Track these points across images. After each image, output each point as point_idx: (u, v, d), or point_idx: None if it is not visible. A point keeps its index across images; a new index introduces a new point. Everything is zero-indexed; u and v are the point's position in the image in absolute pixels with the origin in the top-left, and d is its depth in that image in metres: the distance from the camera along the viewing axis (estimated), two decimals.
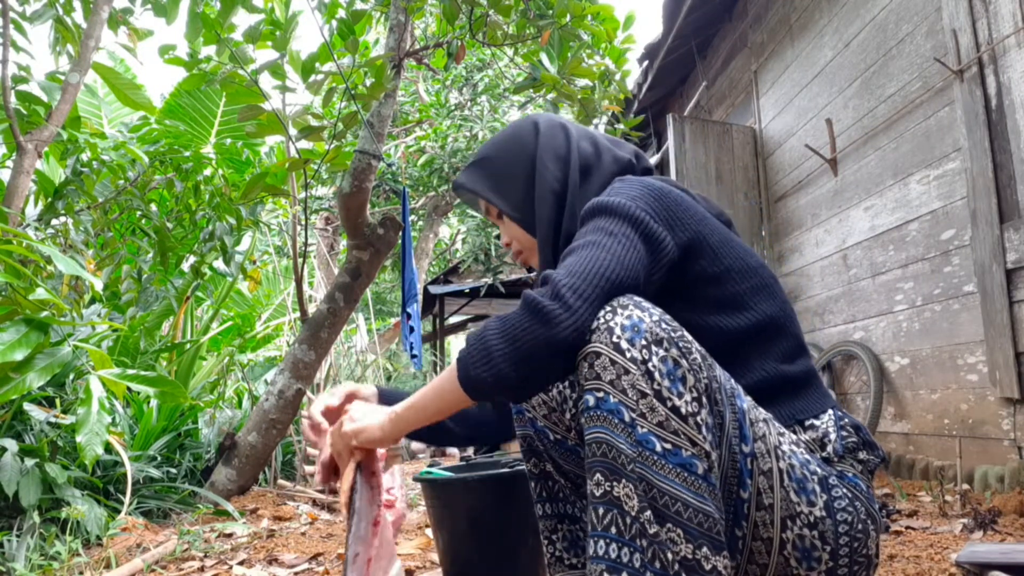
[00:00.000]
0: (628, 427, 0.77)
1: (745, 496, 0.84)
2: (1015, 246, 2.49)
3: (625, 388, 0.78)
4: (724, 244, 0.98)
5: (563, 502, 1.16)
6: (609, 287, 0.84)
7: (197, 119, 5.58)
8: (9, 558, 1.77)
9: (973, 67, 2.67)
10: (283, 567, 1.84)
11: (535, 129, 1.13)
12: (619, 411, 0.78)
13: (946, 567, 1.58)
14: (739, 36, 4.93)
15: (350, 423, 0.99)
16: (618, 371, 0.79)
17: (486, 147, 1.17)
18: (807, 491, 0.87)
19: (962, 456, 2.72)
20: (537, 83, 2.88)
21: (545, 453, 1.13)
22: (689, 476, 0.77)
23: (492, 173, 1.14)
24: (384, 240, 3.32)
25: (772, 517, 0.85)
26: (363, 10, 3.11)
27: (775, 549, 0.86)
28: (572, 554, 1.16)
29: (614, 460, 0.77)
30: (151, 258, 3.46)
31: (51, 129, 2.55)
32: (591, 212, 0.95)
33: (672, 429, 0.78)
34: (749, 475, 0.84)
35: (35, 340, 1.64)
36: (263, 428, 3.08)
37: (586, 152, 1.10)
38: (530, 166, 1.10)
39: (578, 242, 0.90)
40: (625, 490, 0.77)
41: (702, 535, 0.76)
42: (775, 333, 0.97)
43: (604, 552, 0.77)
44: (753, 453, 0.85)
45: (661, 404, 0.78)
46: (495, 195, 1.13)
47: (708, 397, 0.81)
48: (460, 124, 5.97)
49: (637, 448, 0.77)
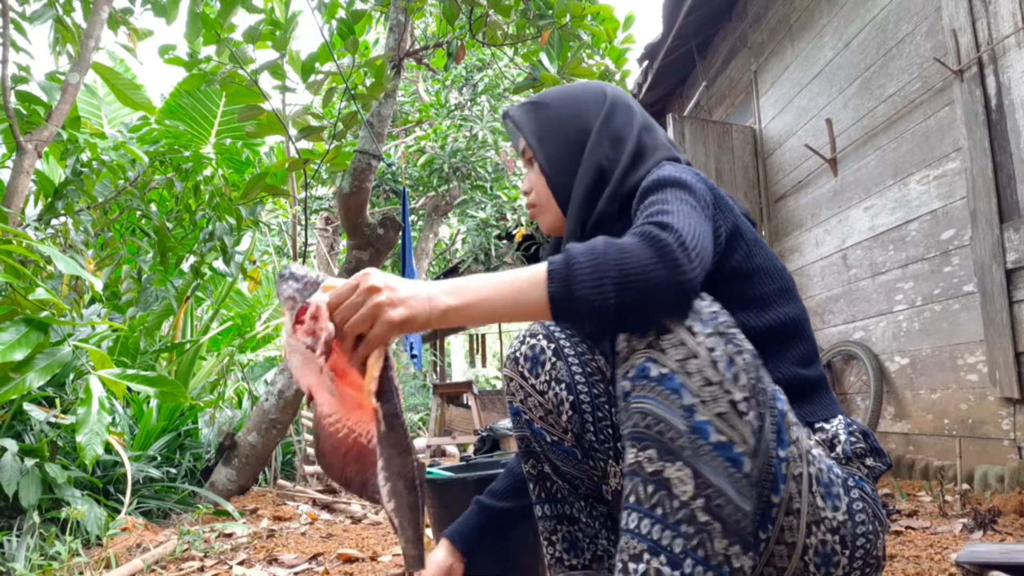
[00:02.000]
0: (687, 411, 0.76)
1: (776, 501, 0.83)
2: (1015, 246, 2.49)
3: (691, 372, 0.76)
4: (756, 243, 0.98)
5: (562, 503, 1.15)
6: (706, 259, 0.82)
7: (197, 119, 5.57)
8: (9, 558, 1.77)
9: (973, 67, 2.67)
10: (283, 567, 1.84)
11: (602, 100, 1.09)
12: (681, 393, 0.76)
13: (946, 567, 1.58)
14: (739, 36, 4.93)
15: (388, 292, 0.78)
16: (686, 353, 0.77)
17: (550, 93, 1.14)
18: (832, 496, 0.86)
19: (962, 456, 2.72)
20: (537, 83, 2.88)
21: (543, 455, 1.13)
22: (736, 472, 0.76)
23: (544, 120, 1.10)
24: (384, 240, 3.32)
25: (799, 522, 0.84)
26: (363, 10, 3.11)
27: (797, 554, 0.85)
28: (572, 555, 1.15)
29: (671, 440, 0.75)
30: (151, 258, 3.45)
31: (51, 129, 2.55)
32: (664, 183, 0.92)
33: (729, 423, 0.76)
34: (783, 480, 0.83)
35: (35, 340, 1.64)
36: (263, 428, 3.08)
37: (644, 142, 1.07)
38: (583, 133, 1.07)
39: (667, 206, 0.85)
40: (679, 473, 0.75)
41: (736, 533, 0.75)
42: (794, 336, 0.97)
43: (647, 531, 0.75)
44: (787, 458, 0.84)
45: (723, 396, 0.76)
46: (537, 141, 1.09)
47: (755, 398, 0.80)
48: (460, 124, 5.97)
49: (692, 435, 0.75)
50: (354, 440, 0.85)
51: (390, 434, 0.82)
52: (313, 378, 0.83)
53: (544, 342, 1.09)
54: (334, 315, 0.79)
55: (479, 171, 6.10)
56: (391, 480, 0.82)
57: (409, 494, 0.83)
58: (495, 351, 13.60)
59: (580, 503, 1.14)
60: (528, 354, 1.09)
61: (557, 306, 0.78)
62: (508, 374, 1.12)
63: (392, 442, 0.82)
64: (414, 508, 0.84)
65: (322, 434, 0.86)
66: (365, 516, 2.76)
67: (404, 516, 0.83)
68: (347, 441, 0.85)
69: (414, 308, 0.78)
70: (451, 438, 5.77)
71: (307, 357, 0.81)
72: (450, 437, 5.83)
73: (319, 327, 0.79)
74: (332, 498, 3.19)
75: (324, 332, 0.78)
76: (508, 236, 7.03)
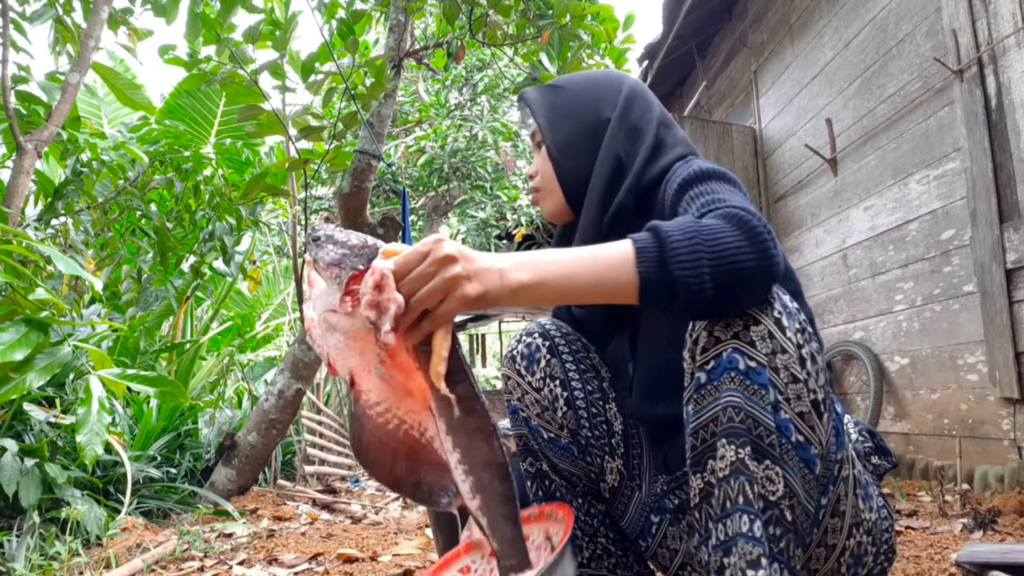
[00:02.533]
0: (772, 407, 0.73)
1: (824, 503, 0.81)
2: (1015, 246, 2.49)
3: (778, 367, 0.74)
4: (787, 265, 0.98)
5: (558, 500, 1.14)
6: None
7: (197, 119, 5.57)
8: (9, 558, 1.77)
9: (973, 67, 2.67)
10: (283, 567, 1.84)
11: (620, 89, 1.07)
12: (768, 388, 0.73)
13: (946, 567, 1.58)
14: (739, 36, 4.93)
15: (465, 263, 0.70)
16: (775, 347, 0.74)
17: (567, 79, 1.11)
18: (869, 496, 0.86)
19: (962, 456, 2.72)
20: (537, 83, 2.88)
21: (540, 452, 1.13)
22: (809, 474, 0.74)
23: (558, 105, 1.08)
24: (384, 240, 3.31)
25: (842, 524, 0.83)
26: (363, 10, 3.11)
27: (835, 556, 0.84)
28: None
29: (760, 438, 0.72)
30: (151, 258, 3.45)
31: (51, 129, 2.55)
32: (708, 175, 0.88)
33: (810, 423, 0.74)
34: (833, 482, 0.81)
35: (35, 340, 1.64)
36: (263, 428, 3.08)
37: (662, 137, 1.05)
38: (597, 123, 1.04)
39: (722, 195, 0.82)
40: (769, 472, 0.72)
41: (800, 534, 0.74)
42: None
43: (760, 535, 0.70)
44: (841, 460, 0.82)
45: (807, 394, 0.74)
46: (548, 125, 1.07)
47: (829, 398, 0.78)
48: (460, 124, 5.97)
49: (777, 433, 0.73)
50: (405, 433, 0.75)
51: (468, 419, 0.72)
52: (356, 360, 0.73)
53: (539, 340, 1.09)
54: (400, 286, 0.69)
55: (479, 171, 6.10)
56: (474, 472, 0.71)
57: (501, 484, 0.72)
58: (495, 351, 13.62)
59: (578, 501, 1.14)
60: (524, 352, 1.09)
61: (649, 288, 0.72)
62: (506, 372, 1.12)
63: (473, 427, 0.72)
64: (508, 500, 0.72)
65: (368, 426, 0.75)
66: (365, 516, 2.76)
67: (497, 512, 0.71)
68: (397, 435, 0.75)
69: (488, 283, 0.71)
70: None
71: (354, 335, 0.71)
72: None
73: (385, 298, 0.67)
74: (332, 498, 3.19)
75: (394, 304, 0.67)
76: (508, 236, 7.03)
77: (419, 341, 0.72)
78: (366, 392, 0.75)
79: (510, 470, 0.73)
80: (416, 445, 0.75)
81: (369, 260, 0.72)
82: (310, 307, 0.75)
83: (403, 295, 0.70)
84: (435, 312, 0.71)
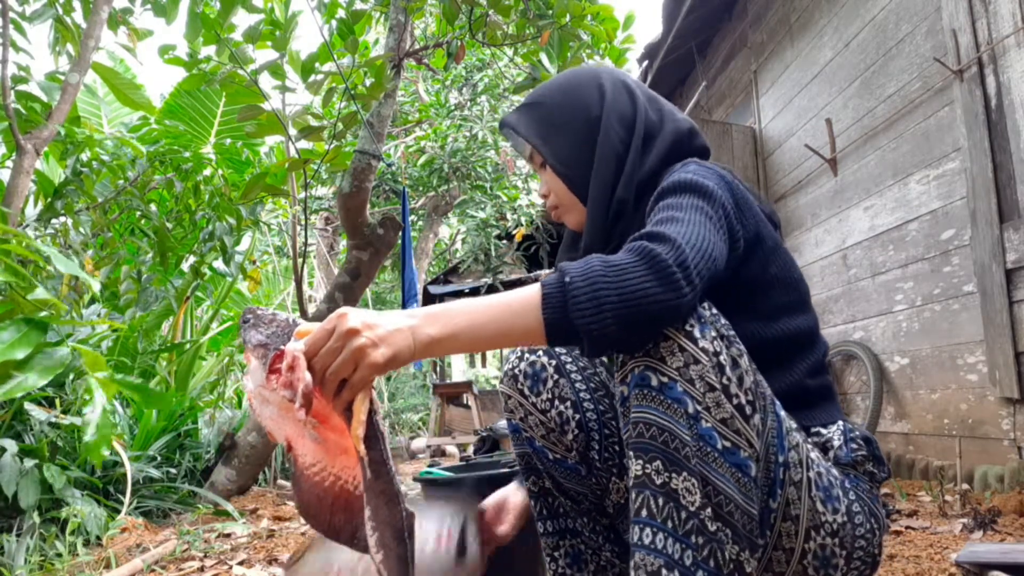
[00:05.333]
0: (692, 419, 0.74)
1: (774, 506, 0.83)
2: (1015, 246, 2.49)
3: (693, 378, 0.75)
4: (774, 251, 0.96)
5: (564, 517, 1.13)
6: (712, 272, 0.80)
7: (197, 119, 5.57)
8: (9, 558, 1.77)
9: (973, 67, 2.67)
10: (283, 567, 1.84)
11: (600, 86, 1.04)
12: (684, 401, 0.74)
13: (946, 567, 1.58)
14: (739, 36, 4.93)
15: (368, 332, 0.73)
16: (687, 359, 0.75)
17: (541, 92, 1.07)
18: (832, 499, 0.86)
19: (962, 456, 2.72)
20: (537, 83, 2.88)
21: (544, 472, 1.11)
22: (743, 478, 0.75)
23: (545, 121, 1.04)
24: (384, 240, 3.32)
25: (797, 528, 0.84)
26: (363, 10, 3.11)
27: (795, 558, 0.85)
28: (575, 569, 1.13)
29: (676, 451, 0.74)
30: (151, 258, 3.45)
31: (51, 129, 2.55)
32: (683, 187, 0.88)
33: (735, 428, 0.75)
34: (781, 485, 0.82)
35: (34, 340, 1.63)
36: (263, 428, 3.08)
37: (652, 120, 1.03)
38: (591, 124, 1.02)
39: (678, 213, 0.83)
40: (686, 484, 0.74)
41: (745, 537, 0.75)
42: (802, 348, 0.96)
43: (662, 546, 0.74)
44: (787, 463, 0.83)
45: (728, 400, 0.75)
46: (544, 144, 1.04)
47: (758, 401, 0.79)
48: (460, 124, 5.97)
49: (698, 442, 0.74)
50: (340, 488, 0.80)
51: (377, 482, 0.77)
52: (290, 427, 0.79)
53: (544, 358, 1.05)
54: (313, 362, 0.74)
55: (479, 171, 6.10)
56: (379, 530, 0.77)
57: (398, 546, 0.78)
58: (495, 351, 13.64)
59: (583, 519, 1.12)
60: (528, 371, 1.05)
61: (553, 333, 0.75)
62: (506, 391, 1.08)
63: (379, 490, 0.77)
64: (403, 561, 0.78)
65: (304, 485, 0.81)
66: None
67: (393, 569, 0.77)
68: (333, 490, 0.80)
69: (396, 345, 0.74)
70: (451, 438, 5.78)
71: (284, 407, 0.77)
72: (450, 437, 5.83)
73: (296, 378, 0.73)
74: None
75: (302, 383, 0.72)
76: (508, 236, 7.03)
77: (343, 407, 0.77)
78: (302, 455, 0.81)
79: (406, 535, 0.78)
80: (351, 497, 0.79)
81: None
82: (248, 380, 0.81)
83: (318, 369, 0.74)
84: (351, 380, 0.74)
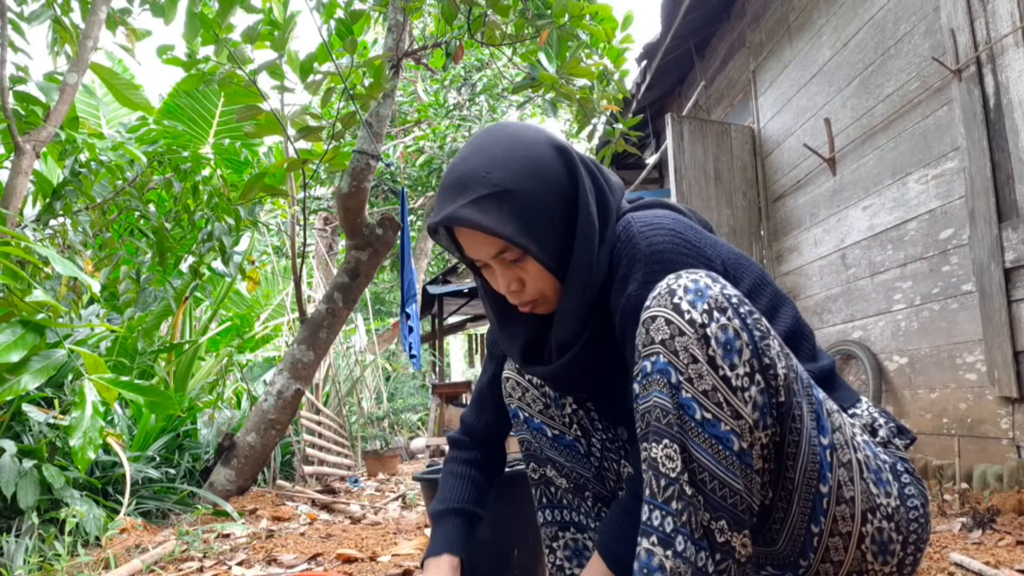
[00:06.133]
0: (673, 389, 0.76)
1: (825, 490, 0.81)
2: (1013, 245, 2.49)
3: (677, 349, 0.76)
4: (737, 266, 0.95)
5: (565, 509, 1.13)
6: None
7: (195, 119, 5.57)
8: (8, 559, 1.77)
9: (971, 66, 2.67)
10: (282, 567, 1.84)
11: (560, 155, 0.91)
12: (667, 371, 0.76)
13: (945, 566, 1.58)
14: (737, 36, 4.93)
15: None
16: (672, 331, 0.76)
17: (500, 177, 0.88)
18: (883, 481, 0.84)
19: (961, 455, 2.72)
20: (536, 83, 2.88)
21: (543, 455, 1.11)
22: (723, 450, 0.75)
23: (521, 211, 0.88)
24: (383, 240, 3.32)
25: (853, 511, 0.82)
26: (361, 10, 3.11)
27: (853, 544, 0.83)
28: (575, 564, 1.12)
29: (657, 421, 0.76)
30: (149, 259, 3.45)
31: (49, 130, 2.55)
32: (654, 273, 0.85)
33: (716, 400, 0.75)
34: (829, 468, 0.81)
35: (31, 342, 1.63)
36: (262, 428, 3.08)
37: (600, 185, 0.95)
38: (567, 203, 0.90)
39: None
40: (665, 451, 0.76)
41: (722, 508, 0.75)
42: (794, 340, 0.96)
43: (646, 518, 0.77)
44: (833, 445, 0.82)
45: (712, 372, 0.75)
46: (529, 239, 0.88)
47: (764, 376, 0.77)
48: (458, 124, 5.97)
49: (678, 411, 0.75)
50: None
51: None
52: None
53: None
54: None
55: None
56: None
57: None
58: None
59: (585, 506, 1.12)
60: None
61: None
62: (506, 375, 1.11)
63: None
64: None
65: None
66: (364, 516, 2.76)
67: None
68: None
69: None
70: None
71: None
72: None
73: None
74: (331, 498, 3.19)
75: None
76: None
77: None
78: None
79: None
80: None
81: None
82: None
83: None
84: None
